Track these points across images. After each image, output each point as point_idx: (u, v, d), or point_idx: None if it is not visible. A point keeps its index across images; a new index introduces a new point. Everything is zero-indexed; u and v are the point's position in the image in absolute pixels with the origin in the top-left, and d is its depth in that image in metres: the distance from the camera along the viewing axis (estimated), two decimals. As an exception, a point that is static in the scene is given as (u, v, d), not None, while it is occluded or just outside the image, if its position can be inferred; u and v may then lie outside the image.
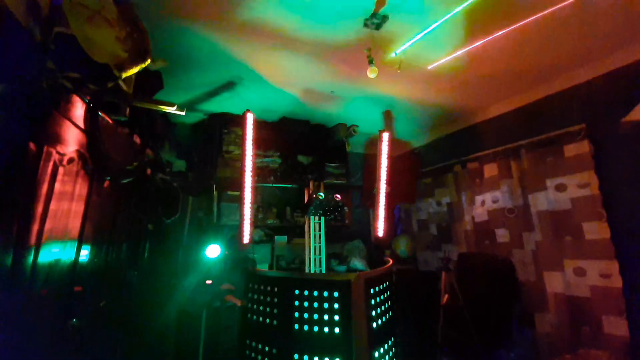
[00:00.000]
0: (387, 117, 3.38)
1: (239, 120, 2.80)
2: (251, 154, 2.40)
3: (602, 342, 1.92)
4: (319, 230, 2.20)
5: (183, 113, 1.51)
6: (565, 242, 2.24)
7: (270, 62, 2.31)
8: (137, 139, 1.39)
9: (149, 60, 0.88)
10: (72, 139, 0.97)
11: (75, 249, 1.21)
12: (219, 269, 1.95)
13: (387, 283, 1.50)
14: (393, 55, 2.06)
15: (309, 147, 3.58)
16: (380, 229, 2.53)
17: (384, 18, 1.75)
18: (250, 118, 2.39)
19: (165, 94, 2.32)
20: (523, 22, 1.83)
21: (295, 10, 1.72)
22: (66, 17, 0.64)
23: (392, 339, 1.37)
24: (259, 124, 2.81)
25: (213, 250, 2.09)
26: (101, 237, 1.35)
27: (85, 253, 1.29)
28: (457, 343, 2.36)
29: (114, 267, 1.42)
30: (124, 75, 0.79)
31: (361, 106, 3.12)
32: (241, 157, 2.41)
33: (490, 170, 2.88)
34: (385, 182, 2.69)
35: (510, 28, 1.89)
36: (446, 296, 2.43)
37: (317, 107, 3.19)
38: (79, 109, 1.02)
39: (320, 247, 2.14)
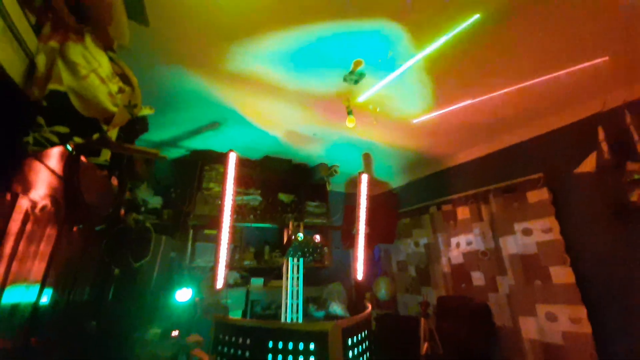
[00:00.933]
0: (366, 159, 3.54)
1: (222, 157, 2.82)
2: (232, 192, 2.39)
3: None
4: (297, 272, 2.14)
5: (166, 158, 1.52)
6: (535, 286, 2.32)
7: (255, 107, 2.42)
8: (114, 181, 1.36)
9: (137, 114, 0.92)
10: (47, 185, 0.94)
11: (37, 293, 1.11)
12: (188, 316, 1.81)
13: (366, 332, 1.46)
14: (370, 107, 2.24)
15: (291, 186, 3.62)
16: (360, 273, 2.51)
17: (361, 75, 1.94)
18: (233, 157, 2.42)
19: (149, 130, 2.35)
20: (486, 96, 2.09)
21: (280, 64, 1.87)
22: (60, 75, 0.67)
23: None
24: (242, 162, 2.84)
25: (183, 294, 1.96)
26: (64, 281, 1.25)
27: (45, 299, 1.18)
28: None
29: (72, 315, 1.29)
30: (112, 129, 0.82)
31: (342, 148, 3.27)
32: (221, 195, 2.39)
33: (463, 212, 3.02)
34: (364, 222, 2.73)
35: (471, 101, 2.14)
36: (426, 345, 2.37)
37: (299, 148, 3.30)
38: (57, 155, 1.00)
39: (297, 291, 2.07)
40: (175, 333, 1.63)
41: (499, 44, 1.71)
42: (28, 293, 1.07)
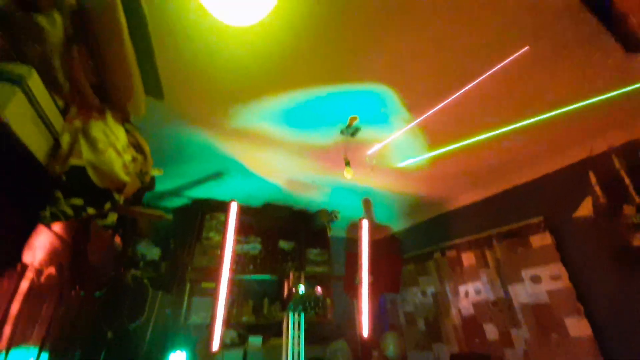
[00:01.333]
0: (366, 204, 3.56)
1: (223, 206, 2.85)
2: (232, 242, 2.37)
3: None
4: (298, 329, 2.02)
5: (169, 217, 1.56)
6: (552, 340, 2.16)
7: (257, 158, 2.53)
8: (117, 239, 1.37)
9: (147, 181, 0.97)
10: (54, 251, 0.95)
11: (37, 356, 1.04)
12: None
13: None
14: (367, 159, 2.34)
15: (291, 232, 3.58)
16: (365, 329, 2.36)
17: (357, 129, 2.06)
18: (234, 207, 2.46)
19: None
20: (473, 139, 2.21)
21: (280, 121, 2.00)
22: (81, 150, 0.74)
23: None
24: (242, 209, 2.86)
25: (177, 358, 1.82)
26: (58, 345, 1.18)
27: None
28: None
29: None
30: (124, 197, 0.86)
31: (342, 194, 3.31)
32: (221, 245, 2.37)
33: (468, 258, 2.95)
34: (367, 271, 2.65)
35: (458, 144, 2.26)
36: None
37: (300, 195, 3.35)
38: (67, 224, 1.03)
39: (299, 352, 1.92)
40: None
41: (483, 103, 1.86)
42: (28, 356, 1.01)
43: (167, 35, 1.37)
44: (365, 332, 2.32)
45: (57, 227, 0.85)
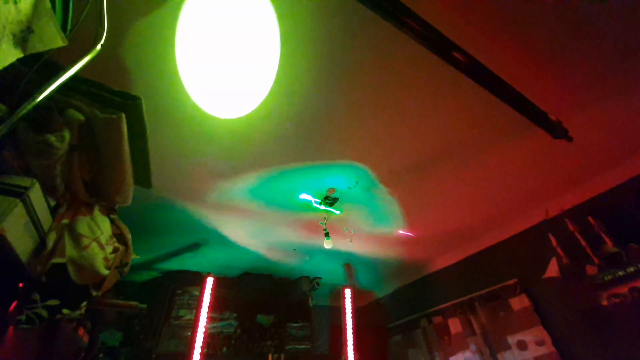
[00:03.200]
0: (348, 270, 3.51)
1: (197, 278, 2.69)
2: (205, 321, 2.18)
3: None
4: None
5: (144, 308, 1.48)
6: (552, 417, 2.03)
7: (236, 228, 2.52)
8: (81, 332, 1.24)
9: (126, 273, 0.96)
10: (21, 353, 0.84)
11: None
12: None
13: None
14: (345, 229, 2.42)
15: (270, 305, 3.36)
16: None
17: (335, 199, 2.19)
18: (210, 282, 2.34)
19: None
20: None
21: (260, 196, 2.10)
22: (65, 247, 0.74)
23: None
24: (219, 281, 2.70)
25: None
26: None
27: None
28: None
29: None
30: (101, 293, 0.84)
31: (323, 260, 3.26)
32: (193, 325, 2.16)
33: (455, 325, 2.87)
34: (352, 347, 2.48)
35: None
36: None
37: (280, 262, 3.26)
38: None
39: None
40: None
41: (449, 176, 2.08)
42: None
43: (158, 125, 1.51)
44: None
45: (24, 331, 0.78)
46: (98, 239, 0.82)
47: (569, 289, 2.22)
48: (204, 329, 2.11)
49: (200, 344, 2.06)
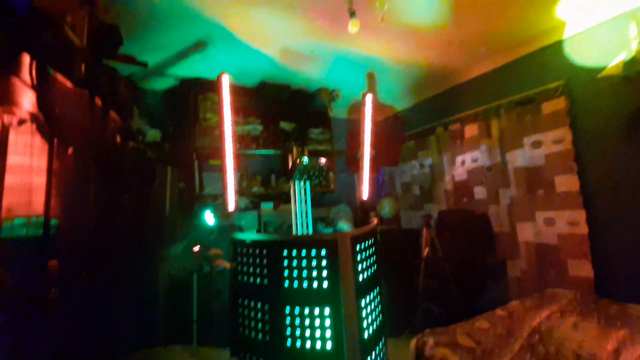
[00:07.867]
0: (370, 79, 3.29)
1: (214, 85, 2.61)
2: (230, 120, 2.27)
3: (567, 283, 2.13)
4: (305, 194, 2.19)
5: (147, 64, 1.38)
6: (537, 195, 2.37)
7: (243, 19, 2.13)
8: (98, 102, 1.26)
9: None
10: (24, 101, 0.86)
11: (43, 225, 1.15)
12: (205, 236, 1.94)
13: (372, 240, 1.54)
14: (376, 5, 1.94)
15: (291, 114, 3.47)
16: (365, 193, 2.57)
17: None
18: (225, 80, 2.22)
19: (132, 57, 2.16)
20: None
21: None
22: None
23: (377, 288, 1.45)
24: (237, 90, 2.64)
25: (210, 217, 2.06)
26: (71, 210, 1.28)
27: (54, 229, 1.23)
28: (437, 291, 2.55)
29: (87, 240, 1.36)
30: (68, 20, 0.68)
31: (343, 68, 3.00)
32: (220, 125, 2.29)
33: (471, 130, 2.93)
34: (369, 145, 2.67)
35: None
36: (427, 249, 2.58)
37: (297, 70, 3.04)
38: (28, 67, 0.90)
39: (306, 211, 2.15)
40: (196, 248, 1.77)
41: None
42: (31, 227, 1.11)
43: None
44: (365, 196, 2.54)
45: (21, 74, 0.73)
46: None
47: (623, 88, 2.00)
48: (230, 127, 2.23)
49: (230, 138, 2.24)
